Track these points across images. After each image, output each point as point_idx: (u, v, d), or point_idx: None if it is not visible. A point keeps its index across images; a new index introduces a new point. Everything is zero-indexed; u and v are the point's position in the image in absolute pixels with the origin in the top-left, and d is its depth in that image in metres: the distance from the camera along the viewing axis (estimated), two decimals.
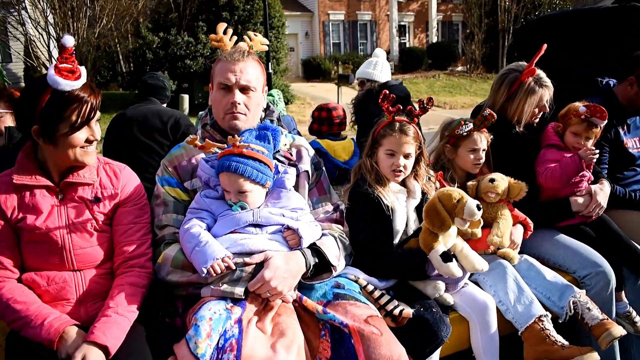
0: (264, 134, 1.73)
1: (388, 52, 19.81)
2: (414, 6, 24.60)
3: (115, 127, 3.08)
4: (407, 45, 24.25)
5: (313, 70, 21.08)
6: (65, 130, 1.48)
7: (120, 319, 1.42)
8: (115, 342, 1.38)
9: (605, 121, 2.21)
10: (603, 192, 2.24)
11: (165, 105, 3.32)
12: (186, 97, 10.22)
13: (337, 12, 23.06)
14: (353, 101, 3.68)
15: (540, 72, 2.27)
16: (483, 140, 2.16)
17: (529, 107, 2.24)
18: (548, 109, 2.30)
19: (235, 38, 1.86)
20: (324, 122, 3.41)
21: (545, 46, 2.24)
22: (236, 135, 1.63)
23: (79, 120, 1.48)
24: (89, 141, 1.55)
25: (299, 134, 3.14)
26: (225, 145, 1.65)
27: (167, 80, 3.46)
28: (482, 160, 2.17)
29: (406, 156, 1.89)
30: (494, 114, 2.11)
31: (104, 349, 1.35)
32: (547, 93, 2.25)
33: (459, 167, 2.22)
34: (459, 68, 23.51)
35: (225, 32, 1.84)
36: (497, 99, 2.32)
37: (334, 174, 3.04)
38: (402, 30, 24.58)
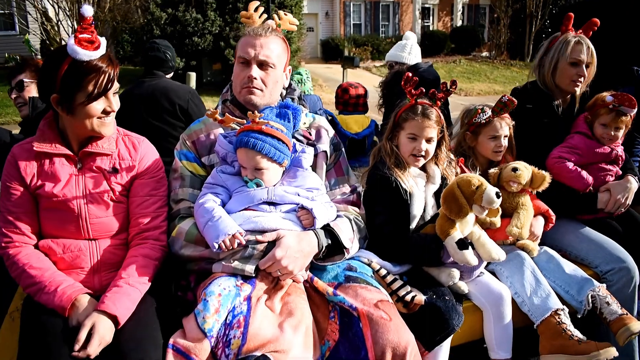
0: (284, 112, 1.70)
1: None
2: None
3: (122, 104, 3.02)
4: (431, 29, 23.60)
5: (332, 51, 20.67)
6: (82, 99, 1.48)
7: (131, 290, 1.44)
8: (125, 313, 1.39)
9: (635, 109, 2.11)
10: (628, 189, 2.15)
11: (170, 75, 3.18)
12: (193, 75, 9.89)
13: None
14: (380, 84, 3.59)
15: (584, 36, 2.20)
16: (504, 126, 2.09)
17: (562, 61, 2.18)
18: (586, 73, 2.20)
19: (265, 16, 1.83)
20: (340, 101, 3.35)
21: (597, 21, 2.16)
22: (256, 112, 1.60)
23: (96, 90, 1.48)
24: (106, 112, 1.54)
25: (326, 113, 3.08)
26: (245, 121, 1.62)
27: (170, 48, 3.18)
28: (504, 148, 2.10)
29: (428, 140, 1.84)
30: (514, 100, 2.04)
31: (114, 319, 1.37)
32: (582, 48, 2.16)
33: (480, 154, 2.16)
34: (484, 54, 22.82)
35: (256, 10, 1.82)
36: (540, 54, 2.32)
37: (344, 145, 2.99)
38: (425, 12, 23.86)
